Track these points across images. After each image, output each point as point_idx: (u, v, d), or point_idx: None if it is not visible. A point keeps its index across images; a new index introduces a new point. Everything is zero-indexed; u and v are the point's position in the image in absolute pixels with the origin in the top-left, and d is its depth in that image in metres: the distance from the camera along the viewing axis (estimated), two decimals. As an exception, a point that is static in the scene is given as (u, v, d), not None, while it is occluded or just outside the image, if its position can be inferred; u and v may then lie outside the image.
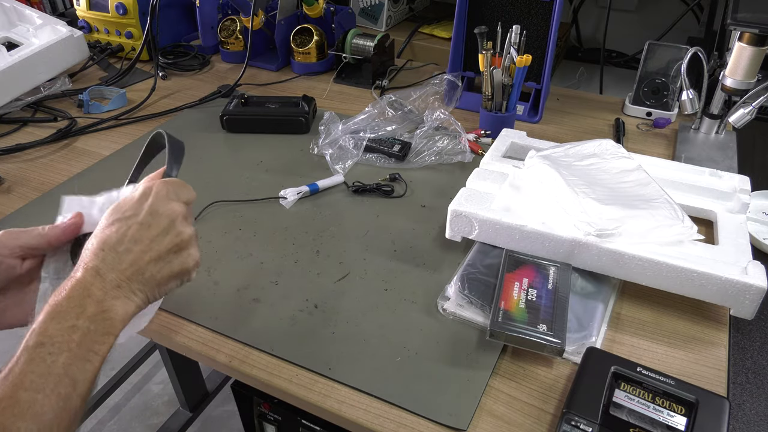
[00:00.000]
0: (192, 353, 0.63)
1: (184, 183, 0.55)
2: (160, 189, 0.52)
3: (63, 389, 0.42)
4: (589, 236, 0.65)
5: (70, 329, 0.44)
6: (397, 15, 1.58)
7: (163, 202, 0.52)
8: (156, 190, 0.52)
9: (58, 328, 0.44)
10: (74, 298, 0.45)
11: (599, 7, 1.58)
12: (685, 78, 0.93)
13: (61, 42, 1.14)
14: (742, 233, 0.69)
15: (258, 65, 1.28)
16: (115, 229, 0.49)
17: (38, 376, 0.42)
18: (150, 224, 0.50)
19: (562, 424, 0.51)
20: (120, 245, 0.48)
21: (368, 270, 0.71)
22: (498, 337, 0.59)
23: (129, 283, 0.48)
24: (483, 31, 0.89)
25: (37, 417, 0.41)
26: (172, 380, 1.56)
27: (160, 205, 0.51)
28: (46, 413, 0.41)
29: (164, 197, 0.52)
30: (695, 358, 0.60)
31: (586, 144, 0.80)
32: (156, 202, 0.51)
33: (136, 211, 0.50)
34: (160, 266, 0.50)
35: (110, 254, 0.48)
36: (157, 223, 0.50)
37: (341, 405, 0.56)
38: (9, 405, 0.40)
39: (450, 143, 0.94)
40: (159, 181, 0.53)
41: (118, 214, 0.50)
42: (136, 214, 0.50)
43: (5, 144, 1.00)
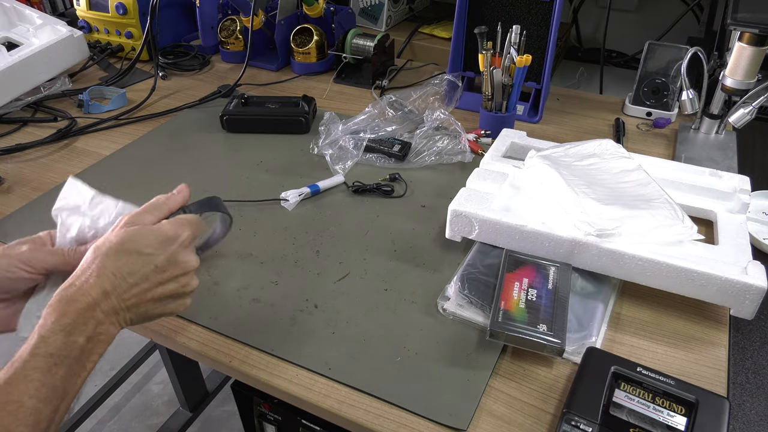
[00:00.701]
0: (192, 353, 0.63)
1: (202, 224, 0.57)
2: (185, 239, 0.53)
3: (57, 401, 0.44)
4: (589, 236, 0.65)
5: (73, 344, 0.46)
6: (397, 15, 1.58)
7: (183, 254, 0.53)
8: (182, 239, 0.53)
9: (66, 342, 0.45)
10: (82, 315, 0.47)
11: (599, 7, 1.58)
12: (685, 78, 0.93)
13: (61, 42, 1.14)
14: (742, 233, 0.69)
15: (258, 65, 1.28)
16: (132, 261, 0.50)
17: (43, 385, 0.43)
18: (165, 270, 0.52)
19: (562, 424, 0.51)
20: (131, 277, 0.50)
21: (368, 270, 0.71)
22: (498, 337, 0.59)
23: (125, 312, 0.50)
24: (483, 31, 0.89)
25: (36, 425, 0.43)
26: (172, 380, 1.56)
27: (180, 256, 0.53)
28: (43, 422, 0.43)
29: (186, 248, 0.54)
30: (695, 358, 0.60)
31: (586, 144, 0.80)
32: (178, 251, 0.53)
33: (156, 251, 0.51)
34: (156, 305, 0.53)
35: (121, 283, 0.49)
36: (171, 272, 0.52)
37: (341, 405, 0.56)
38: (15, 409, 0.42)
39: (450, 143, 0.94)
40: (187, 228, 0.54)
41: (138, 245, 0.51)
42: (155, 254, 0.51)
43: (5, 144, 1.00)
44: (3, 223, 0.82)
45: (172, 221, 0.54)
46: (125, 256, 0.50)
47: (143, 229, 0.52)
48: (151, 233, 0.52)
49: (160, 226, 0.52)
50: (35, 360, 0.44)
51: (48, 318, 0.46)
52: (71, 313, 0.46)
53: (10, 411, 0.41)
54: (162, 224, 0.53)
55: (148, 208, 0.54)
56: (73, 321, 0.46)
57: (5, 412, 0.41)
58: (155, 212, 0.54)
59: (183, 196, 0.57)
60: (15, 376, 0.43)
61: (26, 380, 0.43)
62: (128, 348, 1.77)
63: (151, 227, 0.52)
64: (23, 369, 0.43)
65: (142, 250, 0.50)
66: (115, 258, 0.49)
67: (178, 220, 0.54)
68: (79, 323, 0.46)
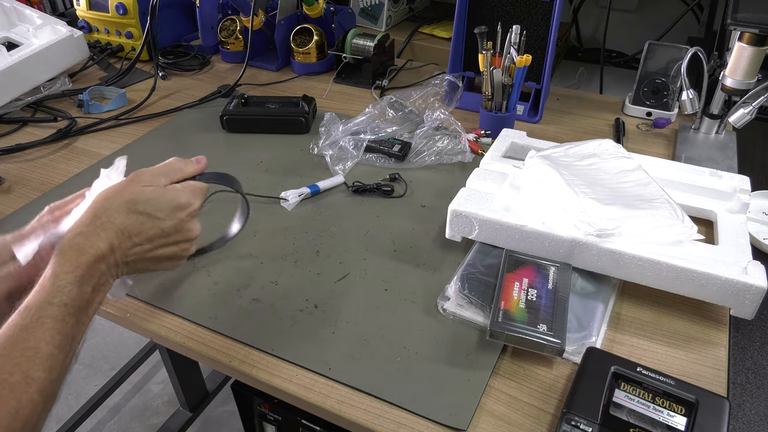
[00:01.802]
0: (192, 353, 0.63)
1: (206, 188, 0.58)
2: (195, 208, 0.55)
3: (68, 348, 0.46)
4: (589, 236, 0.65)
5: (83, 294, 0.48)
6: (397, 15, 1.58)
7: (190, 222, 0.55)
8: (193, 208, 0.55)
9: (78, 293, 0.47)
10: (91, 267, 0.48)
11: (599, 7, 1.58)
12: (685, 78, 0.93)
13: (61, 42, 1.14)
14: (742, 233, 0.69)
15: (258, 65, 1.28)
16: (141, 221, 0.51)
17: (57, 332, 0.45)
18: (170, 235, 0.54)
19: (562, 424, 0.51)
20: (137, 237, 0.51)
21: (368, 270, 0.71)
22: (498, 337, 0.59)
23: (125, 266, 0.52)
24: (483, 31, 0.89)
25: (51, 370, 0.44)
26: (172, 380, 1.56)
27: (187, 224, 0.55)
28: (56, 368, 0.45)
29: (194, 217, 0.55)
30: (695, 358, 0.60)
31: (586, 144, 0.80)
32: (186, 219, 0.54)
33: (167, 216, 0.53)
34: (152, 263, 0.55)
35: (126, 240, 0.51)
36: (175, 237, 0.54)
37: (341, 405, 0.56)
38: (32, 354, 0.43)
39: (450, 143, 0.94)
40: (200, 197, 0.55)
41: (151, 208, 0.52)
42: (164, 219, 0.53)
43: (5, 144, 1.00)
44: (3, 223, 0.82)
45: (186, 188, 0.55)
46: (135, 216, 0.51)
47: (158, 191, 0.53)
48: (165, 198, 0.53)
49: (176, 192, 0.53)
50: (51, 308, 0.45)
51: (61, 266, 0.47)
52: (83, 264, 0.48)
53: (29, 357, 0.43)
54: (177, 189, 0.54)
55: (165, 170, 0.55)
56: (84, 273, 0.48)
57: (23, 358, 0.43)
58: (171, 175, 0.55)
59: (201, 166, 0.59)
60: (32, 323, 0.44)
61: (43, 327, 0.44)
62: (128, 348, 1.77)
63: (166, 191, 0.53)
64: (39, 316, 0.44)
65: (154, 213, 0.52)
66: (125, 215, 0.51)
67: (192, 188, 0.55)
68: (88, 275, 0.48)
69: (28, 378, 0.42)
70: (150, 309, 0.67)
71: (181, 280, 0.70)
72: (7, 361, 0.42)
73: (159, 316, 0.66)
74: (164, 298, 0.68)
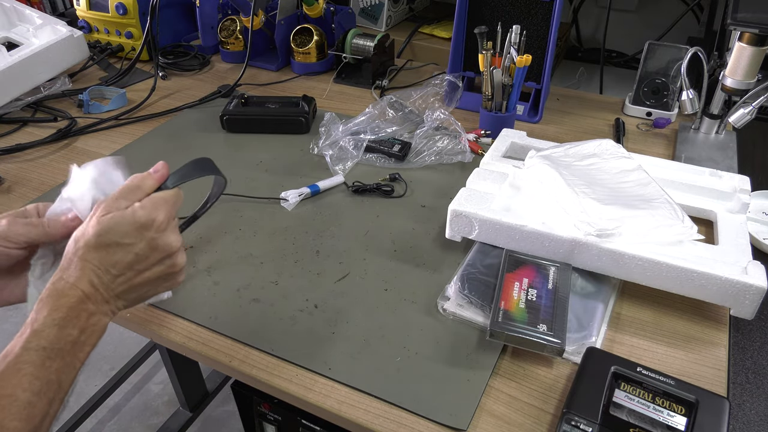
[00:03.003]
0: (192, 353, 0.63)
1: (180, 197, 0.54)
2: (161, 222, 0.51)
3: (52, 393, 0.44)
4: (589, 236, 0.65)
5: (67, 337, 0.46)
6: (397, 15, 1.58)
7: (163, 238, 0.51)
8: (158, 223, 0.51)
9: (59, 336, 0.45)
10: (74, 309, 0.46)
11: (599, 7, 1.58)
12: (685, 78, 0.93)
13: (61, 42, 1.14)
14: (742, 233, 0.69)
15: (258, 65, 1.28)
16: (111, 252, 0.49)
17: (36, 378, 0.43)
18: (147, 256, 0.50)
19: (562, 424, 0.51)
20: (114, 268, 0.49)
21: (368, 270, 0.71)
22: (498, 337, 0.59)
23: (116, 300, 0.50)
24: (483, 31, 0.89)
25: (30, 419, 0.42)
26: (172, 380, 1.56)
27: (160, 241, 0.51)
28: (37, 416, 0.43)
29: (165, 231, 0.51)
30: (695, 358, 0.60)
31: (586, 144, 0.80)
32: (156, 236, 0.51)
33: (134, 240, 0.50)
34: (148, 288, 0.52)
35: (105, 274, 0.49)
36: (154, 257, 0.51)
37: (341, 405, 0.56)
38: (8, 403, 0.41)
39: (450, 143, 0.94)
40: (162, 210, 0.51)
41: (115, 236, 0.49)
42: (134, 243, 0.50)
43: (5, 144, 1.00)
44: (3, 223, 0.82)
45: (145, 204, 0.51)
46: (104, 249, 0.49)
47: (118, 218, 0.50)
48: (126, 222, 0.50)
49: (134, 213, 0.50)
50: (27, 354, 0.43)
51: (40, 312, 0.45)
52: (63, 307, 0.46)
53: (3, 405, 0.41)
54: (135, 210, 0.50)
55: (123, 192, 0.52)
56: (66, 315, 0.46)
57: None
58: (130, 196, 0.52)
59: (160, 175, 0.55)
60: (7, 370, 0.42)
61: (19, 374, 0.42)
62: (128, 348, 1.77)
63: (125, 214, 0.50)
64: (15, 363, 0.43)
65: (120, 241, 0.49)
66: (94, 251, 0.49)
67: (152, 202, 0.52)
68: (72, 316, 0.46)
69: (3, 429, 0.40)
70: (150, 309, 0.67)
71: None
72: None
73: (159, 316, 0.66)
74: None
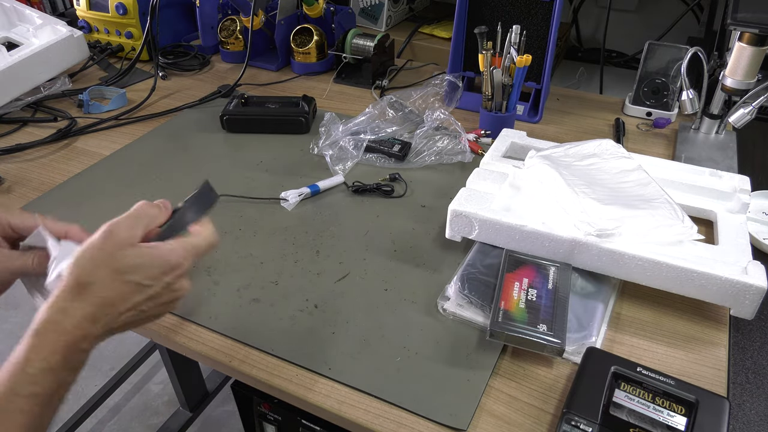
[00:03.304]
0: (192, 353, 0.63)
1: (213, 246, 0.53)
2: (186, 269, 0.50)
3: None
4: (589, 236, 0.65)
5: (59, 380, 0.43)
6: (397, 15, 1.58)
7: (179, 282, 0.50)
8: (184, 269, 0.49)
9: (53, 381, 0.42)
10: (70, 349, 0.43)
11: (599, 7, 1.58)
12: (685, 78, 0.93)
13: (61, 42, 1.14)
14: (742, 233, 0.69)
15: (258, 65, 1.28)
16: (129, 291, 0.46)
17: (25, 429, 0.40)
18: (159, 296, 0.49)
19: (562, 424, 0.51)
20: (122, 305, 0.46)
21: (368, 270, 0.71)
22: (498, 337, 0.59)
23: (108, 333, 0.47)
24: (483, 31, 0.89)
25: None
26: (172, 380, 1.56)
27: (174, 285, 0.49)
28: None
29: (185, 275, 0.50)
30: (695, 358, 0.60)
31: (586, 144, 0.80)
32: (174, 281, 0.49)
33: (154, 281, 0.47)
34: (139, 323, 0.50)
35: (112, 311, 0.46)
36: (164, 298, 0.49)
37: (341, 405, 0.56)
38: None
39: (450, 143, 0.94)
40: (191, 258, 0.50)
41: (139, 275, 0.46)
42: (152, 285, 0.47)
43: (5, 144, 1.00)
44: (3, 223, 0.82)
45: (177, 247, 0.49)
46: (123, 286, 0.46)
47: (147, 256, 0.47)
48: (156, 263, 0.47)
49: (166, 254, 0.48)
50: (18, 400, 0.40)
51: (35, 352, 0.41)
52: (61, 348, 0.42)
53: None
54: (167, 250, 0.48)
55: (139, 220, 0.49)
56: (62, 357, 0.42)
57: None
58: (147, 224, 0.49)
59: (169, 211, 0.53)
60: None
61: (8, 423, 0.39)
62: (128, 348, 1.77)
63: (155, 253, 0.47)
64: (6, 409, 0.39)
65: (143, 282, 0.46)
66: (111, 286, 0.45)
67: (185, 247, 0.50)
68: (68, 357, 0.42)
69: None
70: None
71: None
72: None
73: (159, 316, 0.66)
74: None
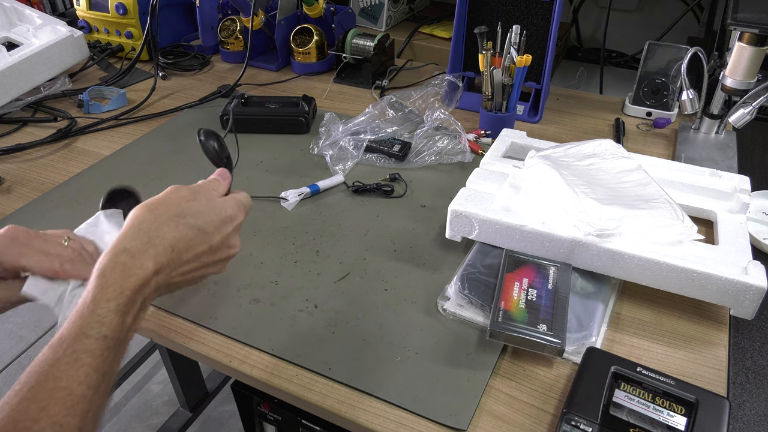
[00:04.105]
0: (192, 353, 0.63)
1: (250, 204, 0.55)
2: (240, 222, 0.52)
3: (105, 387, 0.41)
4: (589, 236, 0.65)
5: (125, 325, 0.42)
6: (397, 15, 1.58)
7: (234, 238, 0.52)
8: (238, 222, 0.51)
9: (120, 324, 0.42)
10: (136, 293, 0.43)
11: (599, 7, 1.58)
12: (685, 78, 0.93)
13: (61, 42, 1.14)
14: (742, 233, 0.69)
15: (258, 65, 1.28)
16: (191, 236, 0.47)
17: (95, 371, 0.39)
18: (216, 251, 0.50)
19: (562, 424, 0.51)
20: (186, 253, 0.47)
21: (368, 270, 0.71)
22: (498, 337, 0.59)
23: (165, 287, 0.47)
24: (483, 31, 0.89)
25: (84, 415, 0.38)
26: (172, 380, 1.56)
27: (230, 240, 0.51)
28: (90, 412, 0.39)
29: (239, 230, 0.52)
30: (695, 358, 0.60)
31: (586, 144, 0.80)
32: (231, 234, 0.51)
33: (215, 230, 0.49)
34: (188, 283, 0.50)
35: (176, 258, 0.46)
36: (220, 254, 0.51)
37: (341, 405, 0.56)
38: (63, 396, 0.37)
39: (450, 143, 0.94)
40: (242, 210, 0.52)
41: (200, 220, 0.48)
42: (212, 234, 0.49)
43: (5, 144, 1.00)
44: (3, 223, 0.81)
45: (231, 200, 0.52)
46: (186, 230, 0.47)
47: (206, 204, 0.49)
48: (215, 211, 0.49)
49: (223, 204, 0.50)
50: (88, 342, 0.39)
51: (102, 292, 0.41)
52: (127, 290, 0.42)
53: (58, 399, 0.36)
54: (224, 201, 0.51)
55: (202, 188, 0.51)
56: (128, 300, 0.42)
57: (53, 400, 0.36)
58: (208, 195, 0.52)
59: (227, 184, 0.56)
60: (64, 359, 0.38)
61: (77, 364, 0.38)
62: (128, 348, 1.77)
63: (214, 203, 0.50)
64: (74, 351, 0.38)
65: (204, 228, 0.48)
66: (175, 229, 0.46)
67: (237, 201, 0.52)
68: (132, 301, 0.42)
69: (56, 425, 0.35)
70: (149, 309, 0.66)
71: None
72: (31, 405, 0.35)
73: (159, 316, 0.66)
74: (164, 298, 0.67)
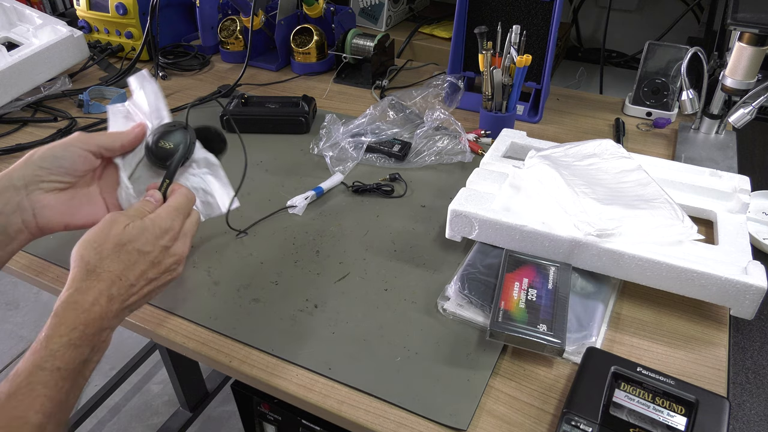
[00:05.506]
0: (192, 353, 0.63)
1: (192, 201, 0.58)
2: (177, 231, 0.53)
3: (62, 415, 0.43)
4: (589, 236, 0.65)
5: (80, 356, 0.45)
6: (397, 15, 1.58)
7: (176, 245, 0.53)
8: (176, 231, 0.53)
9: (74, 356, 0.44)
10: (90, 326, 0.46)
11: (599, 7, 1.58)
12: (685, 78, 0.93)
13: (61, 42, 1.14)
14: (742, 233, 0.69)
15: (258, 65, 1.28)
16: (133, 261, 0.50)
17: (49, 400, 0.42)
18: (159, 263, 0.52)
19: (562, 424, 0.51)
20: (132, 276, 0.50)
21: (368, 270, 0.71)
22: (498, 337, 0.59)
23: (124, 312, 0.50)
24: (483, 31, 0.89)
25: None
26: (172, 380, 1.56)
27: (173, 247, 0.53)
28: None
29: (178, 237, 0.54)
30: (695, 358, 0.60)
31: (586, 144, 0.80)
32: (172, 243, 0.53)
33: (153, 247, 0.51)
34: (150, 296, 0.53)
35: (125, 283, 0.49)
36: (167, 265, 0.53)
37: (341, 405, 0.56)
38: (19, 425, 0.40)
39: (450, 143, 0.94)
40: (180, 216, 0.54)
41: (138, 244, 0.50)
42: (151, 251, 0.51)
43: (5, 144, 1.00)
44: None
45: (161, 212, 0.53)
46: (126, 256, 0.49)
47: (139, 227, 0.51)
48: (148, 231, 0.51)
49: (155, 221, 0.52)
50: (42, 374, 0.42)
51: (55, 329, 0.44)
52: (80, 325, 0.45)
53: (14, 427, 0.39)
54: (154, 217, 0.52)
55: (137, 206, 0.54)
56: (81, 333, 0.45)
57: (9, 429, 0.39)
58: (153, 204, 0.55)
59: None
60: (20, 390, 0.41)
61: (32, 395, 0.41)
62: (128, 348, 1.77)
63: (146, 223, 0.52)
64: (29, 382, 0.41)
65: (143, 248, 0.50)
66: (117, 259, 0.49)
67: (167, 210, 0.53)
68: (87, 334, 0.45)
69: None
70: (150, 309, 0.67)
71: (181, 280, 0.70)
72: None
73: (159, 316, 0.66)
74: (164, 298, 0.68)
